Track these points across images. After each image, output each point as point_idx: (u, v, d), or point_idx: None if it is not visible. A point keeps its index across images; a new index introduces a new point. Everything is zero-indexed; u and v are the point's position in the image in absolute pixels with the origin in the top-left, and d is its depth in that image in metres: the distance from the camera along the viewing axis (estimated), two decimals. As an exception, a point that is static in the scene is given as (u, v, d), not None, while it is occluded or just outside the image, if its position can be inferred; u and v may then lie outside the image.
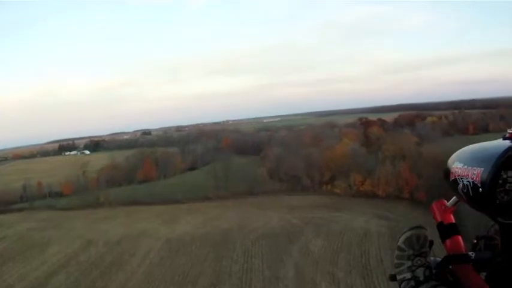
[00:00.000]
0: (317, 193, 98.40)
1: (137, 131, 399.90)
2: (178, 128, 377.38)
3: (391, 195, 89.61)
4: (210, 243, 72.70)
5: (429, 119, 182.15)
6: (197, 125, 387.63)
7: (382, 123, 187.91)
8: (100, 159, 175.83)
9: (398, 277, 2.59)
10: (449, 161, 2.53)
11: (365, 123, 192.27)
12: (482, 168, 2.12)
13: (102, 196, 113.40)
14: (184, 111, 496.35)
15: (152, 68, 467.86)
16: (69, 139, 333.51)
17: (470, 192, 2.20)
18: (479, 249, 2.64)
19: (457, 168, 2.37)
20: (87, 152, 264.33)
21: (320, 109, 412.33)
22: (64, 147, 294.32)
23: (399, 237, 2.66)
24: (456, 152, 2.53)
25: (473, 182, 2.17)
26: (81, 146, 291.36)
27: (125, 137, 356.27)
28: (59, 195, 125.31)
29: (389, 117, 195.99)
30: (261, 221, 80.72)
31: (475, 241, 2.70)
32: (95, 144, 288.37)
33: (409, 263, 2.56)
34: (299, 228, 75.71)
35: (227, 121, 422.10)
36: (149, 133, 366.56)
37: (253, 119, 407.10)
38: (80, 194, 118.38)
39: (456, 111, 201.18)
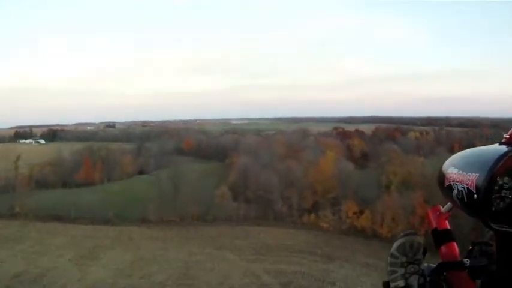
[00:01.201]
0: (296, 225, 67.97)
1: (103, 123, 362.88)
2: (144, 124, 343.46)
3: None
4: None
5: (411, 134, 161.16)
6: (164, 121, 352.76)
7: (359, 134, 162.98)
8: (46, 151, 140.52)
9: (392, 285, 2.39)
10: (444, 166, 2.33)
11: (341, 134, 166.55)
12: (478, 174, 1.97)
13: (17, 204, 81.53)
14: (153, 107, 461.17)
15: (124, 62, 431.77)
16: (31, 126, 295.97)
17: (465, 199, 2.05)
18: (474, 255, 2.39)
19: (452, 173, 2.19)
20: (43, 141, 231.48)
21: (289, 115, 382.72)
22: (20, 134, 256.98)
23: (393, 244, 2.49)
24: (451, 157, 2.35)
25: (468, 188, 2.02)
26: (38, 134, 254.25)
27: (89, 128, 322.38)
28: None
29: (364, 129, 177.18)
30: (216, 274, 49.19)
31: (471, 247, 2.44)
32: (53, 134, 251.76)
33: (402, 271, 2.38)
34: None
35: (195, 120, 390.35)
36: (113, 126, 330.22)
37: (221, 120, 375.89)
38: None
39: (436, 127, 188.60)
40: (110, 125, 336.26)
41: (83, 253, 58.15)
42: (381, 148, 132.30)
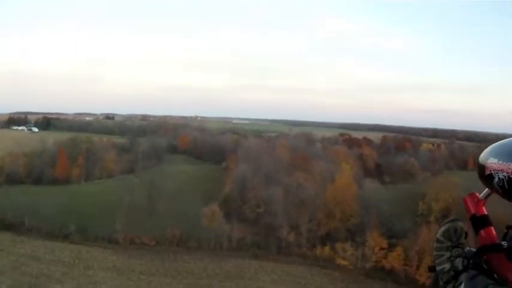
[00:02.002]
0: (306, 260, 50.26)
1: (103, 114, 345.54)
2: (144, 117, 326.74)
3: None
4: None
5: (424, 145, 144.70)
6: (165, 116, 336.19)
7: (368, 142, 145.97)
8: (35, 140, 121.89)
9: (438, 268, 2.48)
10: (482, 156, 2.45)
11: (349, 141, 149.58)
12: None
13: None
14: (154, 101, 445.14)
15: (127, 51, 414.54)
16: (28, 112, 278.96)
17: (506, 186, 2.17)
18: (510, 238, 2.44)
19: (492, 163, 2.31)
20: (36, 129, 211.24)
21: (289, 118, 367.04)
22: (14, 120, 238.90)
23: (438, 230, 2.57)
24: (489, 148, 2.45)
25: (509, 176, 2.15)
26: (33, 121, 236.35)
27: (87, 118, 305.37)
28: None
29: (371, 137, 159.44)
30: None
31: (506, 230, 2.49)
32: (47, 122, 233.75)
33: (448, 254, 2.48)
34: None
35: (196, 117, 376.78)
36: (112, 118, 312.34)
37: (222, 118, 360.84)
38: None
39: (445, 140, 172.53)
40: (109, 117, 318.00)
41: (24, 281, 41.00)
42: (394, 160, 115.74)
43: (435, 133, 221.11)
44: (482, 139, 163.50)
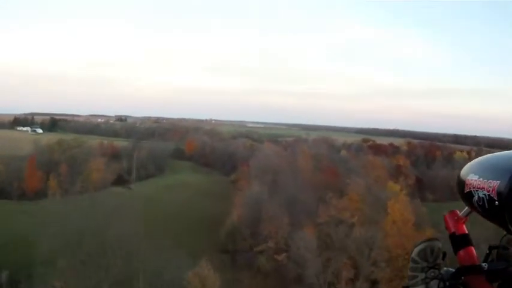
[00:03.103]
0: None
1: (116, 116, 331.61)
2: (157, 120, 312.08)
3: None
4: None
5: (458, 154, 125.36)
6: (179, 119, 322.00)
7: (394, 150, 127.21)
8: (33, 141, 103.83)
9: None
10: (463, 172, 2.26)
11: (374, 148, 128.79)
12: (499, 181, 1.94)
13: None
14: (169, 103, 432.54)
15: (145, 55, 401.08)
16: (41, 114, 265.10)
17: (486, 205, 2.01)
18: (491, 259, 2.30)
19: (472, 180, 2.14)
20: (40, 130, 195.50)
21: (306, 122, 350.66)
22: (20, 121, 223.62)
23: (412, 249, 2.37)
24: (470, 163, 2.28)
25: (489, 195, 1.98)
26: (39, 122, 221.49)
27: (99, 120, 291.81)
28: None
29: (395, 143, 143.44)
30: None
31: (488, 251, 2.35)
32: (53, 123, 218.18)
33: (422, 275, 2.29)
34: None
35: (211, 120, 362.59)
36: (125, 120, 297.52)
37: (237, 121, 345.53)
38: None
39: (473, 147, 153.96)
40: (122, 119, 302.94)
41: None
42: (433, 172, 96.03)
43: (456, 139, 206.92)
44: (506, 146, 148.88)
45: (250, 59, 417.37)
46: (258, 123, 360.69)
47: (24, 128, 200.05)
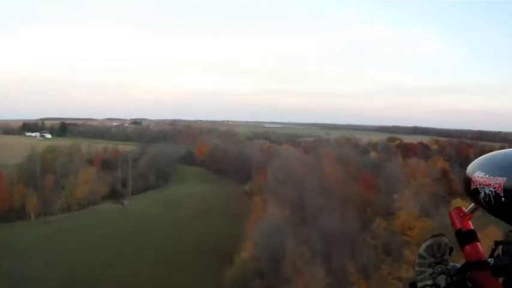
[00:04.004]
0: None
1: (132, 119, 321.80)
2: (173, 122, 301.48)
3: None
4: None
5: None
6: (195, 121, 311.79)
7: (425, 149, 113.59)
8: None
9: (419, 285, 2.32)
10: (469, 169, 2.29)
11: (403, 148, 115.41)
12: (505, 178, 1.97)
13: None
14: (185, 105, 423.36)
15: (161, 57, 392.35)
16: (57, 118, 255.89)
17: (492, 201, 2.04)
18: (497, 255, 2.27)
19: (478, 177, 2.16)
20: (49, 135, 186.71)
21: (324, 121, 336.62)
22: (29, 126, 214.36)
23: (421, 245, 2.39)
24: (476, 161, 2.31)
25: (495, 192, 2.01)
26: (48, 127, 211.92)
27: (114, 123, 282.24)
28: None
29: (420, 141, 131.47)
30: None
31: (493, 247, 2.32)
32: (63, 128, 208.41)
33: (430, 271, 2.30)
34: None
35: (227, 121, 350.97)
36: (140, 123, 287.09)
37: (254, 122, 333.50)
38: None
39: (504, 144, 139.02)
40: (137, 122, 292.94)
41: None
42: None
43: (480, 135, 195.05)
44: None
45: (266, 60, 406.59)
46: (275, 123, 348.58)
47: (33, 134, 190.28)
